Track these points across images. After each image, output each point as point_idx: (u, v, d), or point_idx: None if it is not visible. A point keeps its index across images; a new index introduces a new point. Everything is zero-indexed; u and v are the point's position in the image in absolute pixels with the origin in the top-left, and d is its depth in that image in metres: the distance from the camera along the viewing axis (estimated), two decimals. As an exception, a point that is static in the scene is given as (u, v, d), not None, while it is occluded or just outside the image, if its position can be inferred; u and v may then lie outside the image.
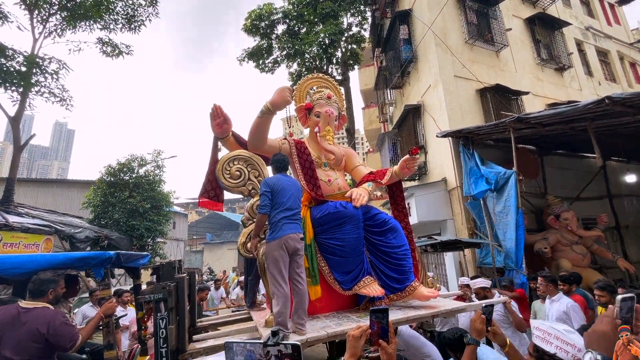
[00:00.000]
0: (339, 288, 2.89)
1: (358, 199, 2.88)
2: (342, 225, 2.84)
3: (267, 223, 2.62)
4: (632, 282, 6.74)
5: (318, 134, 3.37)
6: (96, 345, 3.12)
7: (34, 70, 7.10)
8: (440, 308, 2.79)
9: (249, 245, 2.83)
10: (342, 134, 12.09)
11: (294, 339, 2.26)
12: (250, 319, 3.47)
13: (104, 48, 9.33)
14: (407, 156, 3.10)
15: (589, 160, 8.64)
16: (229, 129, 3.13)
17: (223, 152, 3.22)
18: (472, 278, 4.56)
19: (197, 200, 3.39)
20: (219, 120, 3.04)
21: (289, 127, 3.54)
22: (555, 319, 3.54)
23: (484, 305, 1.77)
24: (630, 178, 9.18)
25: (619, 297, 1.04)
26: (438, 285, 3.63)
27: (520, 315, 3.88)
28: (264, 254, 2.61)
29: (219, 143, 3.24)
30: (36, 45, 7.83)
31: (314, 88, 3.67)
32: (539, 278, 4.02)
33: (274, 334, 1.11)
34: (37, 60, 7.21)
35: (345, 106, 4.04)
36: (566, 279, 4.23)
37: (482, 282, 4.16)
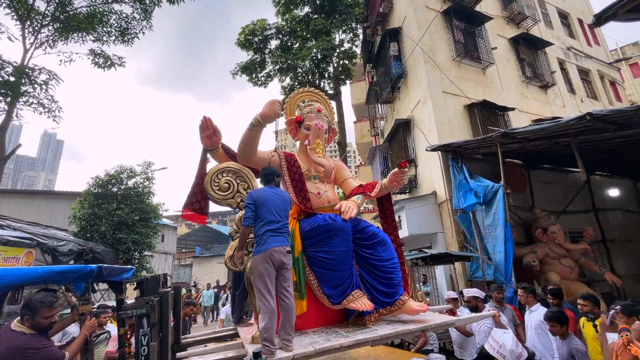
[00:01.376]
0: (327, 302, 2.85)
1: (347, 211, 2.87)
2: (331, 238, 2.82)
3: (253, 236, 2.59)
4: (620, 295, 6.80)
5: (308, 147, 3.37)
6: (74, 364, 2.97)
7: (23, 81, 7.03)
8: (429, 322, 2.78)
9: (235, 259, 2.79)
10: (334, 147, 12.16)
11: (280, 355, 2.21)
12: (237, 335, 3.38)
13: (96, 59, 9.32)
14: (396, 169, 3.14)
15: (574, 174, 8.85)
16: (219, 141, 3.12)
17: (211, 165, 3.21)
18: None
19: (181, 213, 3.34)
20: (209, 132, 3.04)
21: (277, 141, 3.59)
22: (533, 329, 3.64)
23: None
24: (614, 192, 9.41)
25: None
26: (428, 299, 3.62)
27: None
28: (250, 267, 2.57)
29: (208, 155, 3.22)
30: (26, 56, 7.79)
31: (305, 101, 3.72)
32: (519, 290, 4.08)
33: (256, 355, 0.99)
34: (27, 70, 7.16)
35: (335, 119, 4.11)
36: (556, 294, 4.28)
37: (476, 292, 4.29)
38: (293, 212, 3.03)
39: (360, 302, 2.76)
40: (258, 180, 3.09)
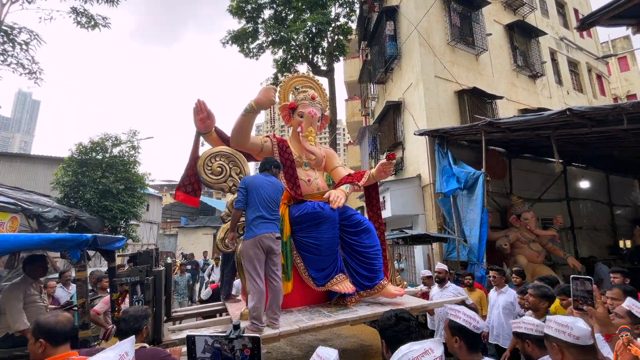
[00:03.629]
0: (312, 284, 3.02)
1: (335, 200, 3.00)
2: (318, 225, 2.96)
3: (244, 219, 2.69)
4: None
5: (300, 134, 3.44)
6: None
7: (2, 39, 6.64)
8: (405, 305, 3.00)
9: (227, 240, 2.90)
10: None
11: (267, 332, 2.40)
12: (225, 310, 3.57)
13: (79, 19, 8.81)
14: (384, 160, 3.26)
15: (552, 164, 9.21)
16: (212, 124, 3.16)
17: (205, 148, 3.24)
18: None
19: (174, 193, 3.42)
20: (202, 115, 3.06)
21: (272, 128, 3.63)
22: (501, 308, 3.96)
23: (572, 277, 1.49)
24: (587, 183, 9.94)
25: (572, 276, 1.23)
26: (405, 283, 3.87)
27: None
28: (240, 251, 2.70)
29: (202, 138, 3.26)
30: (2, 11, 7.30)
31: (299, 87, 3.73)
32: (491, 271, 4.36)
33: (236, 327, 1.16)
34: (5, 28, 6.74)
35: (328, 106, 4.14)
36: (520, 273, 4.70)
37: (445, 267, 4.60)
38: (283, 198, 3.13)
39: (343, 285, 2.96)
40: (250, 164, 3.17)
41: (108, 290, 4.39)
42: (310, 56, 13.88)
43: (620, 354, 1.02)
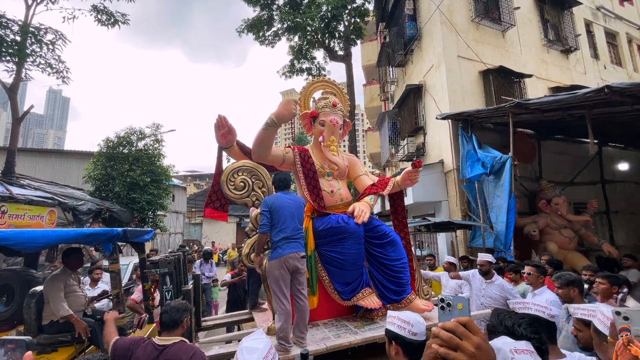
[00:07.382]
0: (338, 298, 3.00)
1: (360, 215, 2.92)
2: (343, 240, 2.91)
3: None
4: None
5: (322, 144, 3.36)
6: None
7: (30, 40, 6.92)
8: (434, 320, 2.90)
9: (252, 256, 2.93)
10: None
11: (295, 351, 2.43)
12: (252, 319, 3.69)
13: (99, 16, 9.01)
14: (410, 168, 3.14)
15: (586, 145, 8.64)
16: (234, 139, 3.15)
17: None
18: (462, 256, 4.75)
19: (203, 209, 3.47)
20: (224, 130, 3.04)
21: (293, 140, 3.56)
22: None
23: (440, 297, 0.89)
24: (625, 164, 9.31)
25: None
26: (433, 293, 3.71)
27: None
28: (265, 270, 2.71)
29: (224, 153, 3.26)
30: (29, 13, 7.56)
31: (320, 93, 3.63)
32: (527, 267, 3.91)
33: (304, 357, 1.16)
34: (32, 29, 7.00)
35: (349, 111, 3.99)
36: (555, 264, 4.47)
37: (490, 257, 4.09)
38: (306, 210, 3.08)
39: (369, 300, 2.93)
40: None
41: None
42: (327, 41, 13.59)
43: (621, 354, 0.96)
